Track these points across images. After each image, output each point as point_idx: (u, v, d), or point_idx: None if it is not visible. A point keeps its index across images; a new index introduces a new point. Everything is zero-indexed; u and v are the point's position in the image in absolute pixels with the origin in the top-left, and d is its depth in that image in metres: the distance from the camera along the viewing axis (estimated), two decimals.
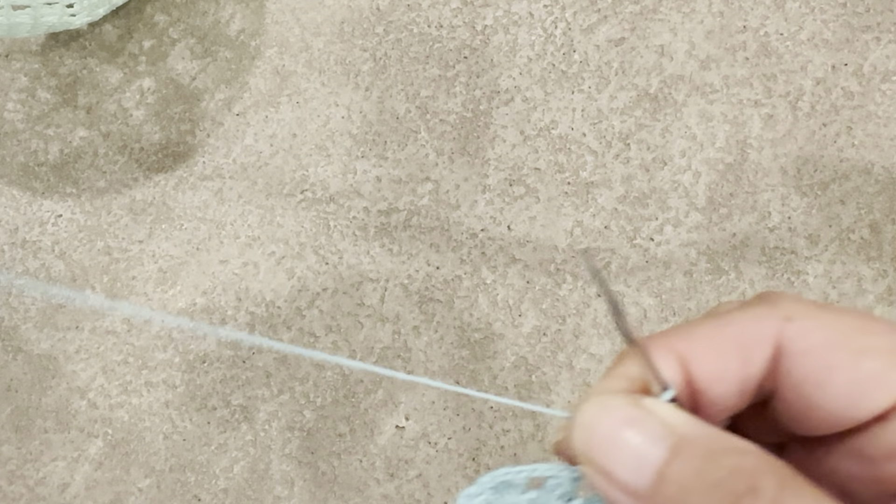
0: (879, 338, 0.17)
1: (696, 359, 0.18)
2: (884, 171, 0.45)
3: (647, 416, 0.17)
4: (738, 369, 0.18)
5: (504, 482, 0.19)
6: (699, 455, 0.16)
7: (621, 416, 0.17)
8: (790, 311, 0.18)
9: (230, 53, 0.50)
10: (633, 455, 0.16)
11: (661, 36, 0.48)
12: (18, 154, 0.49)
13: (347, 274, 0.45)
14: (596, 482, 0.17)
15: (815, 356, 0.17)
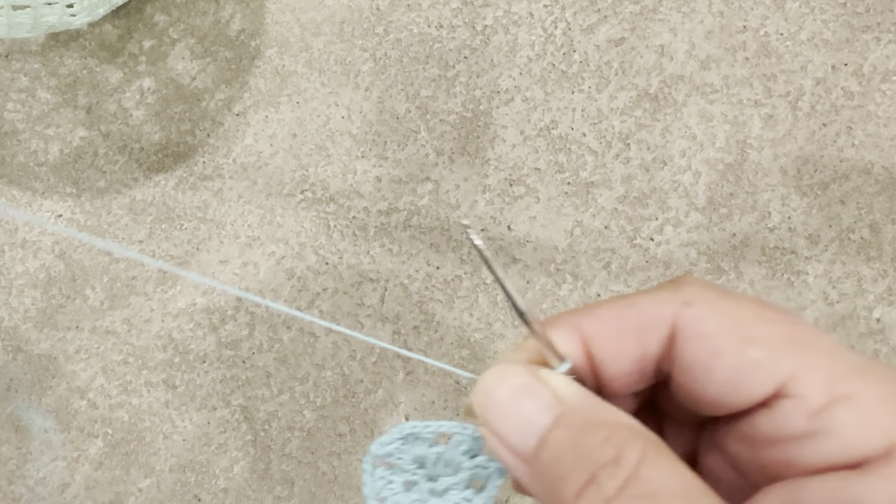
0: (768, 326, 0.18)
1: (597, 337, 0.19)
2: (884, 171, 0.45)
3: (540, 386, 0.18)
4: (634, 349, 0.19)
5: (413, 434, 0.20)
6: (577, 425, 0.17)
7: (516, 384, 0.18)
8: (690, 296, 0.19)
9: (230, 53, 0.50)
10: (522, 421, 0.18)
11: (662, 36, 0.48)
12: (18, 154, 0.49)
13: (347, 274, 0.45)
14: (489, 442, 0.19)
15: (705, 342, 0.18)
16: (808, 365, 0.17)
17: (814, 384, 0.17)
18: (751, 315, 0.18)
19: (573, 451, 0.17)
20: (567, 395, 0.18)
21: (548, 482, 0.17)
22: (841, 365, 0.17)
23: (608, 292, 0.44)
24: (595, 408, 0.18)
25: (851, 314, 0.43)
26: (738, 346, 0.18)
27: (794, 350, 0.18)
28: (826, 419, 0.17)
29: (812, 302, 0.43)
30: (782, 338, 0.18)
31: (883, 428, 0.17)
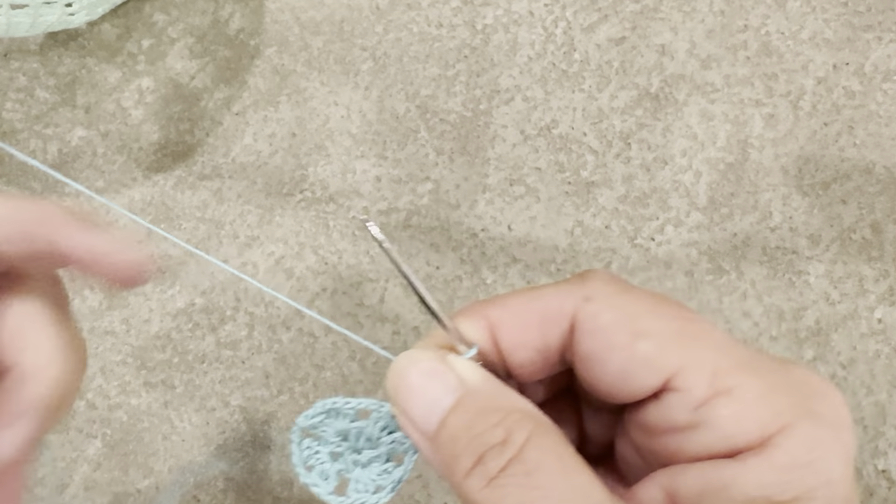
0: (660, 321, 0.19)
1: (503, 326, 0.20)
2: (885, 171, 0.45)
3: (446, 370, 0.19)
4: (536, 340, 0.20)
5: (335, 409, 0.22)
6: (474, 409, 0.19)
7: (424, 368, 0.19)
8: (591, 291, 0.20)
9: (229, 52, 0.50)
10: (427, 402, 0.19)
11: (662, 35, 0.48)
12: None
13: (347, 274, 0.45)
14: (399, 421, 0.20)
15: (600, 335, 0.19)
16: (694, 360, 0.18)
17: (697, 379, 0.18)
18: (645, 310, 0.19)
19: (467, 433, 0.18)
20: (470, 379, 0.19)
21: (446, 460, 0.19)
22: (726, 360, 0.18)
23: None
24: (494, 392, 0.19)
25: (853, 314, 0.43)
26: (629, 340, 0.19)
27: (682, 345, 0.19)
28: (707, 412, 0.18)
29: (813, 302, 0.43)
30: (672, 333, 0.19)
31: (758, 420, 0.17)
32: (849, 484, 0.18)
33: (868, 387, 0.41)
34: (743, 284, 0.43)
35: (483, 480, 0.18)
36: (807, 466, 0.17)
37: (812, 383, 0.19)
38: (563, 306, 0.20)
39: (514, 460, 0.17)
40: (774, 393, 0.18)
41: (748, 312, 0.43)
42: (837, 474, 0.17)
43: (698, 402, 0.18)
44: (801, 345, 0.42)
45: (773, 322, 0.43)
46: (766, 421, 0.18)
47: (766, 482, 0.17)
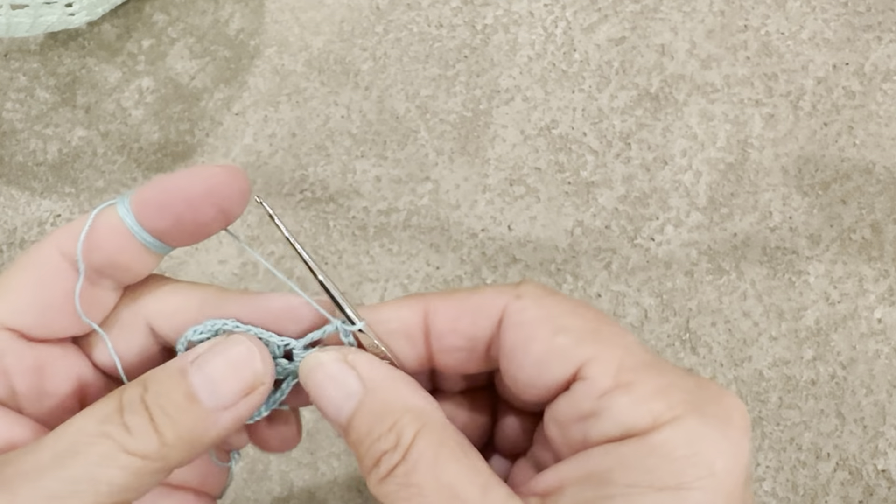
0: (577, 320, 0.21)
1: (438, 313, 0.22)
2: (885, 171, 0.45)
3: (348, 372, 0.21)
4: (467, 326, 0.21)
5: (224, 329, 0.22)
6: (373, 413, 0.20)
7: (329, 371, 0.21)
8: (524, 291, 0.21)
9: (229, 53, 0.50)
10: (334, 403, 0.20)
11: (662, 35, 0.48)
12: (17, 154, 0.49)
13: (347, 274, 0.45)
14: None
15: (523, 328, 0.21)
16: (603, 354, 0.20)
17: (604, 370, 0.20)
18: (567, 311, 0.21)
19: (367, 438, 0.20)
20: (370, 379, 0.20)
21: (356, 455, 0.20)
22: (631, 358, 0.20)
23: (609, 292, 0.44)
24: (389, 393, 0.20)
25: (853, 314, 0.43)
26: (549, 333, 0.20)
27: (594, 341, 0.20)
28: (607, 401, 0.19)
29: (813, 302, 0.43)
30: (587, 330, 0.20)
31: (651, 410, 0.19)
32: (735, 481, 0.18)
33: (868, 387, 0.41)
34: (743, 284, 0.43)
35: (377, 479, 0.19)
36: (689, 457, 0.18)
37: (711, 388, 0.20)
38: (495, 301, 0.21)
39: (399, 463, 0.19)
40: (671, 389, 0.19)
41: (748, 312, 0.43)
42: (720, 468, 0.18)
43: (602, 391, 0.19)
44: (801, 345, 0.42)
45: (772, 322, 0.43)
46: (659, 412, 0.19)
47: (648, 467, 0.18)
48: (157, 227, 0.21)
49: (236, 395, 0.20)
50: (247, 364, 0.20)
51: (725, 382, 0.42)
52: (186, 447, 0.19)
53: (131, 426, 0.19)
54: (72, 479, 0.18)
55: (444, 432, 0.19)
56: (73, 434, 0.19)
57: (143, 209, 0.21)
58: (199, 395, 0.19)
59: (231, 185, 0.21)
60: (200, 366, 0.20)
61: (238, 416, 0.20)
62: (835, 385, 0.41)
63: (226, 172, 0.21)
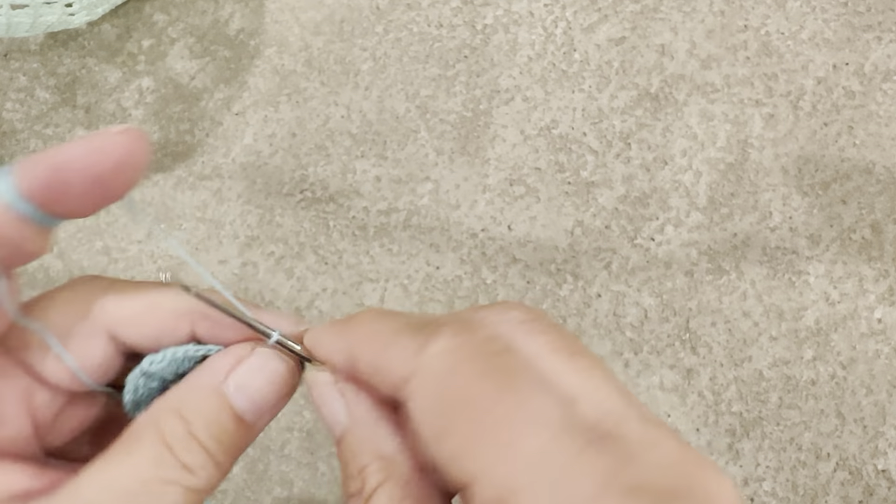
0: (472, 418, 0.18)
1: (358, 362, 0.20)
2: (885, 171, 0.45)
3: (336, 398, 0.21)
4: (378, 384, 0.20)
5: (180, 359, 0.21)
6: (349, 450, 0.20)
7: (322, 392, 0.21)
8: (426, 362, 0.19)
9: (229, 53, 0.50)
10: (328, 421, 0.21)
11: (662, 35, 0.48)
12: (17, 153, 0.49)
13: (347, 274, 0.45)
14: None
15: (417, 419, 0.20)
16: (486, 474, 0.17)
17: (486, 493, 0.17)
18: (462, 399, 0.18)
19: (344, 472, 0.20)
20: (352, 414, 0.20)
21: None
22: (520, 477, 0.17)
23: (609, 292, 0.44)
24: (366, 434, 0.20)
25: (853, 314, 0.43)
26: (437, 436, 0.18)
27: (478, 454, 0.17)
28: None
29: (813, 302, 0.43)
30: (477, 435, 0.18)
31: None
32: None
33: (868, 387, 0.41)
34: (743, 284, 0.43)
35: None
36: None
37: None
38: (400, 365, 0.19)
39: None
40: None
41: (748, 312, 0.43)
42: None
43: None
44: (801, 345, 0.42)
45: (772, 322, 0.43)
46: None
47: None
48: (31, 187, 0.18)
49: (278, 405, 0.21)
50: (287, 380, 0.21)
51: (725, 382, 0.42)
52: (235, 459, 0.20)
53: (192, 465, 0.18)
54: None
55: (405, 489, 0.19)
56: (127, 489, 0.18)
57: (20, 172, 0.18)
58: (247, 416, 0.20)
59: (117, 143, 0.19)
60: (241, 387, 0.20)
61: (266, 422, 0.21)
62: (835, 385, 0.41)
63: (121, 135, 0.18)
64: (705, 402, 0.42)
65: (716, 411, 0.42)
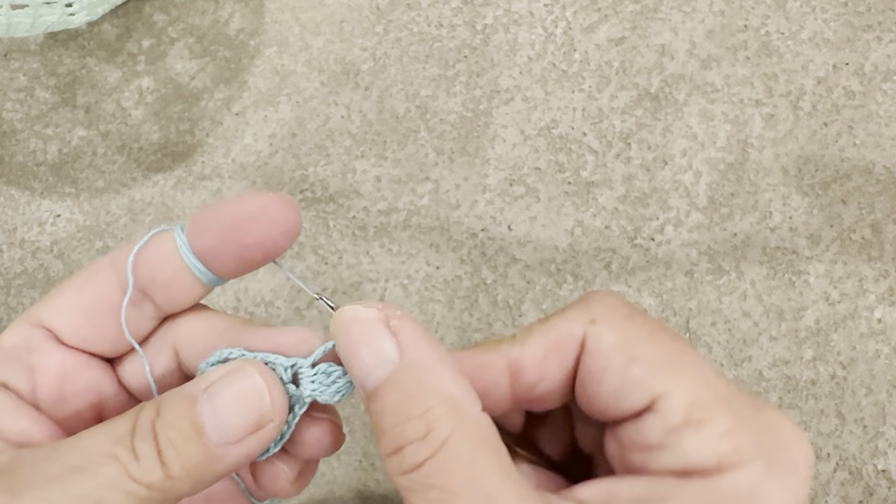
0: (654, 348, 0.20)
1: (524, 362, 0.21)
2: (885, 171, 0.45)
3: (386, 336, 0.19)
4: (557, 371, 0.21)
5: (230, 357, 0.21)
6: (404, 390, 0.18)
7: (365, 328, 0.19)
8: (597, 314, 0.21)
9: (229, 52, 0.50)
10: (365, 364, 0.19)
11: (662, 35, 0.48)
12: (17, 154, 0.49)
13: (347, 274, 0.45)
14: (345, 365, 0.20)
15: (599, 356, 0.20)
16: (678, 388, 0.20)
17: (677, 405, 0.19)
18: (642, 337, 0.20)
19: (393, 417, 0.18)
20: (410, 351, 0.19)
21: (374, 426, 0.19)
22: (705, 392, 0.20)
23: None
24: (426, 374, 0.19)
25: (853, 314, 0.43)
26: (623, 363, 0.20)
27: (669, 373, 0.20)
28: (677, 437, 0.19)
29: (813, 302, 0.43)
30: (663, 360, 0.20)
31: (718, 452, 0.19)
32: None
33: (868, 387, 0.41)
34: (743, 284, 0.43)
35: (398, 470, 0.18)
36: (744, 499, 0.18)
37: (782, 430, 0.20)
38: (573, 331, 0.21)
39: (429, 459, 0.17)
40: (741, 430, 0.19)
41: (748, 312, 0.43)
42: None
43: (672, 427, 0.19)
44: (801, 345, 0.42)
45: (772, 322, 0.43)
46: (725, 454, 0.19)
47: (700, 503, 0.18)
48: (203, 245, 0.21)
49: (243, 431, 0.19)
50: (255, 400, 0.19)
51: None
52: (191, 480, 0.19)
53: (140, 453, 0.18)
54: (76, 496, 0.18)
55: (483, 433, 0.18)
56: (85, 449, 0.18)
57: (193, 228, 0.21)
58: (206, 429, 0.19)
59: (280, 210, 0.21)
60: (210, 396, 0.19)
61: (246, 453, 0.19)
62: (835, 385, 0.41)
63: (277, 199, 0.21)
64: None
65: None
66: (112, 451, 0.18)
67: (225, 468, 0.19)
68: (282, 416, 0.20)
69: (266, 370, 0.20)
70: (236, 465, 0.19)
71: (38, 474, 0.18)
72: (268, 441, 0.20)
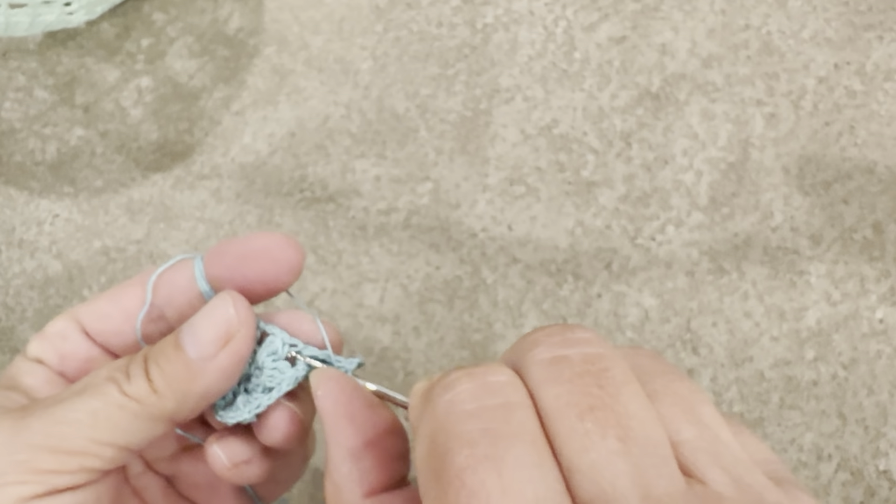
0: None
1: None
2: (887, 171, 0.45)
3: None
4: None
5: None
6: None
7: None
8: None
9: (228, 52, 0.50)
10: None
11: (663, 34, 0.48)
12: (16, 153, 0.49)
13: (346, 274, 0.45)
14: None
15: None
16: None
17: None
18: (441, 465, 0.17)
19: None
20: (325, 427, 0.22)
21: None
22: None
23: (609, 292, 0.44)
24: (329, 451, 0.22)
25: (854, 314, 0.42)
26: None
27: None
28: None
29: (814, 302, 0.43)
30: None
31: None
32: None
33: (869, 387, 0.41)
34: (744, 284, 0.43)
35: None
36: None
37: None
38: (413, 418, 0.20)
39: None
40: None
41: (749, 313, 0.43)
42: None
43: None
44: (802, 345, 0.42)
45: (773, 322, 0.42)
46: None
47: None
48: (215, 274, 0.24)
49: (215, 343, 0.22)
50: (223, 315, 0.22)
51: (726, 383, 0.42)
52: (177, 396, 0.22)
53: (131, 373, 0.22)
54: (76, 409, 0.21)
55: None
56: (89, 378, 0.22)
57: (209, 258, 0.24)
58: (185, 346, 0.22)
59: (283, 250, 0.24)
60: (190, 323, 0.22)
61: (221, 367, 0.22)
62: (836, 385, 0.41)
63: (282, 239, 0.24)
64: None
65: None
66: (110, 374, 0.22)
67: (206, 385, 0.22)
68: (248, 328, 0.23)
69: (237, 296, 0.23)
70: (216, 381, 0.22)
71: (49, 401, 0.22)
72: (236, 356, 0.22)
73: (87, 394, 0.21)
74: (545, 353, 0.16)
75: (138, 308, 0.24)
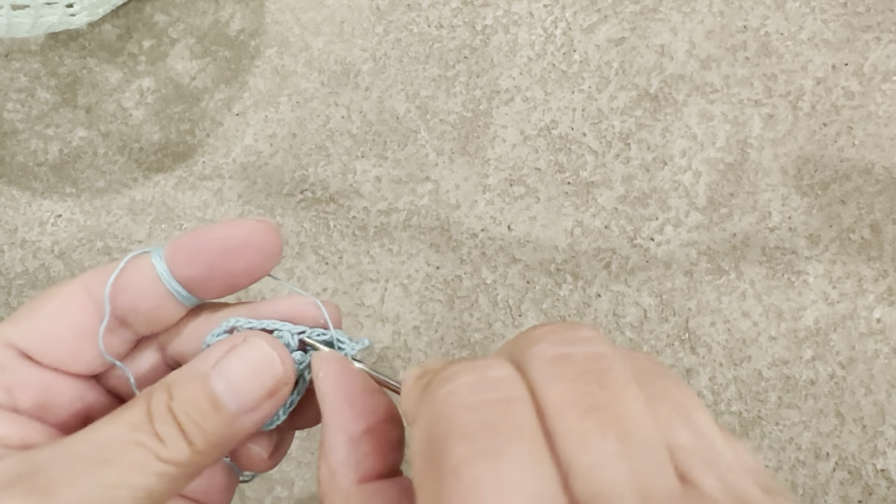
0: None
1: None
2: (884, 171, 0.45)
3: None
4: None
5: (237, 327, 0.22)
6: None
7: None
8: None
9: (230, 53, 0.50)
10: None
11: (662, 36, 0.48)
12: (18, 154, 0.49)
13: (347, 274, 0.45)
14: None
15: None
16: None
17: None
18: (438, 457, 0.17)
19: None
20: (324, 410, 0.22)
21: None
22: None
23: (608, 292, 0.44)
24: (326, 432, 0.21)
25: (852, 314, 0.43)
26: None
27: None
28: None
29: (812, 302, 0.43)
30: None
31: None
32: None
33: (867, 386, 0.41)
34: (742, 284, 0.43)
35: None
36: None
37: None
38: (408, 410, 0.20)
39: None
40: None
41: (747, 312, 0.43)
42: None
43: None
44: (800, 345, 0.42)
45: (772, 322, 0.43)
46: None
47: None
48: (189, 274, 0.22)
49: (260, 398, 0.20)
50: (268, 367, 0.20)
51: (725, 382, 0.42)
52: (216, 451, 0.20)
53: (163, 436, 0.19)
54: (109, 485, 0.18)
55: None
56: (104, 442, 0.19)
57: (175, 256, 0.21)
58: (224, 402, 0.20)
59: (265, 237, 0.22)
60: (222, 371, 0.20)
61: (262, 418, 0.20)
62: (834, 385, 0.41)
63: (261, 225, 0.22)
64: (704, 401, 0.42)
65: (715, 411, 0.42)
66: (134, 438, 0.19)
67: (244, 434, 0.20)
68: (293, 378, 0.21)
69: (271, 338, 0.21)
70: (253, 430, 0.21)
71: (63, 472, 0.18)
72: (280, 403, 0.21)
73: (114, 465, 0.19)
74: (547, 351, 0.16)
75: (90, 321, 0.22)
